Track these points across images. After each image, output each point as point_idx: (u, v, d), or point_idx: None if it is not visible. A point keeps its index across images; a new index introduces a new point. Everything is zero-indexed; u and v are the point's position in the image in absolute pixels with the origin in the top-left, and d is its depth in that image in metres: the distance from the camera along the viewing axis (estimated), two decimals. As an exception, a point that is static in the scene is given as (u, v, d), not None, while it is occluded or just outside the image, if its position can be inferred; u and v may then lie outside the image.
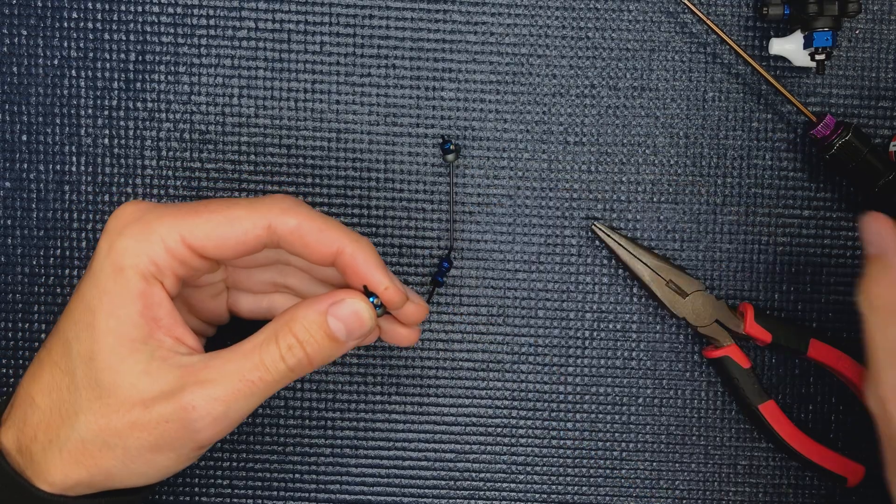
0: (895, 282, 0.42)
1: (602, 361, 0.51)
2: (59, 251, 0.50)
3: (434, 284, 0.49)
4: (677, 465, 0.51)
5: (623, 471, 0.51)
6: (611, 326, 0.51)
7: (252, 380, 0.38)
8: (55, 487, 0.39)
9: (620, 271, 0.51)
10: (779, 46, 0.49)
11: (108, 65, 0.49)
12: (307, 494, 0.51)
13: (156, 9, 0.49)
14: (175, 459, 0.39)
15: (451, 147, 0.48)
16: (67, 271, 0.50)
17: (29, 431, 0.39)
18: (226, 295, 0.46)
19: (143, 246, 0.38)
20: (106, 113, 0.49)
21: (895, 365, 0.41)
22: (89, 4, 0.49)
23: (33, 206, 0.49)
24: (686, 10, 0.50)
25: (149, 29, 0.49)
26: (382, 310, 0.41)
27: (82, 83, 0.49)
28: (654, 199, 0.51)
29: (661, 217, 0.51)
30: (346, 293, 0.40)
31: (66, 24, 0.49)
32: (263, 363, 0.38)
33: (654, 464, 0.51)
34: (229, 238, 0.39)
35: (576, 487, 0.51)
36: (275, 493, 0.51)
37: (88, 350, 0.38)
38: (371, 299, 0.40)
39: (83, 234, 0.50)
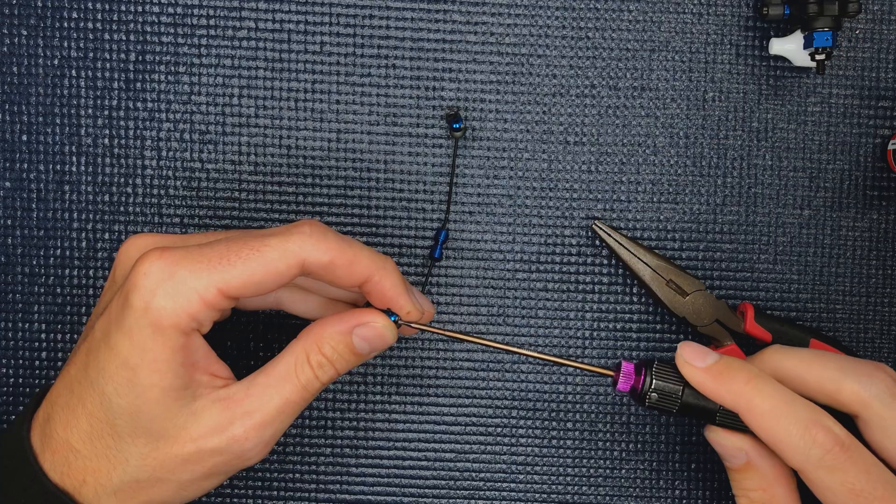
0: (771, 481, 0.41)
1: (602, 361, 0.51)
2: (59, 251, 0.50)
3: (431, 260, 0.49)
4: (677, 465, 0.51)
5: (623, 471, 0.51)
6: (611, 326, 0.51)
7: (295, 401, 0.40)
8: None
9: (620, 271, 0.51)
10: (779, 46, 0.49)
11: (108, 65, 0.49)
12: (307, 494, 0.51)
13: (156, 9, 0.49)
14: (222, 480, 0.42)
15: (461, 127, 0.49)
16: (67, 271, 0.50)
17: (76, 475, 0.40)
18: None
19: (181, 304, 0.38)
20: (106, 113, 0.49)
21: None
22: (89, 4, 0.49)
23: (33, 206, 0.49)
24: (686, 10, 0.50)
25: (149, 29, 0.49)
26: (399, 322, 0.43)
27: (82, 83, 0.49)
28: (654, 199, 0.51)
29: (661, 217, 0.51)
30: (369, 314, 0.42)
31: (66, 24, 0.49)
32: (301, 384, 0.40)
33: (654, 464, 0.51)
34: (265, 282, 0.39)
35: (576, 487, 0.51)
36: (275, 493, 0.51)
37: (132, 404, 0.39)
38: (392, 318, 0.42)
39: (83, 234, 0.50)
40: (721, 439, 0.42)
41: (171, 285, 0.38)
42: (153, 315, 0.37)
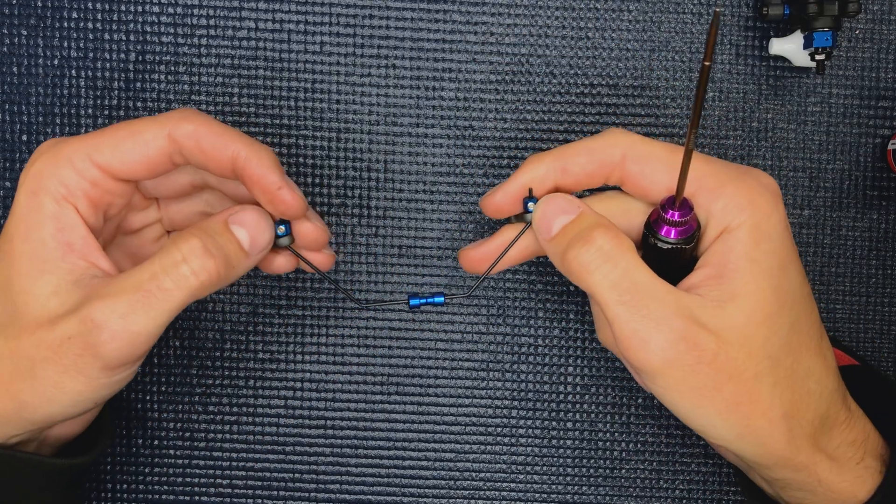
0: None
1: (602, 362, 0.51)
2: (59, 251, 0.50)
3: (408, 306, 0.46)
4: (677, 465, 0.51)
5: (623, 471, 0.51)
6: (611, 326, 0.51)
7: (149, 289, 0.38)
8: None
9: (620, 271, 0.51)
10: (779, 46, 0.49)
11: (108, 65, 0.49)
12: (307, 494, 0.51)
13: (156, 9, 0.49)
14: (85, 384, 0.38)
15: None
16: (67, 271, 0.50)
17: None
18: (167, 238, 0.45)
19: (52, 169, 0.39)
20: (106, 113, 0.49)
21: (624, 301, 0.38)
22: (89, 4, 0.49)
23: (33, 206, 0.49)
24: (686, 10, 0.50)
25: (149, 29, 0.49)
26: (289, 239, 0.41)
27: (82, 83, 0.49)
28: (654, 199, 0.51)
29: (661, 217, 0.51)
30: (246, 206, 0.41)
31: (66, 24, 0.49)
32: (163, 268, 0.38)
33: (654, 464, 0.51)
34: (133, 151, 0.39)
35: (576, 487, 0.51)
36: (275, 493, 0.51)
37: (6, 275, 0.39)
38: (284, 233, 0.41)
39: (83, 234, 0.50)
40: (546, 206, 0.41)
41: (49, 153, 0.39)
42: (29, 181, 0.39)
